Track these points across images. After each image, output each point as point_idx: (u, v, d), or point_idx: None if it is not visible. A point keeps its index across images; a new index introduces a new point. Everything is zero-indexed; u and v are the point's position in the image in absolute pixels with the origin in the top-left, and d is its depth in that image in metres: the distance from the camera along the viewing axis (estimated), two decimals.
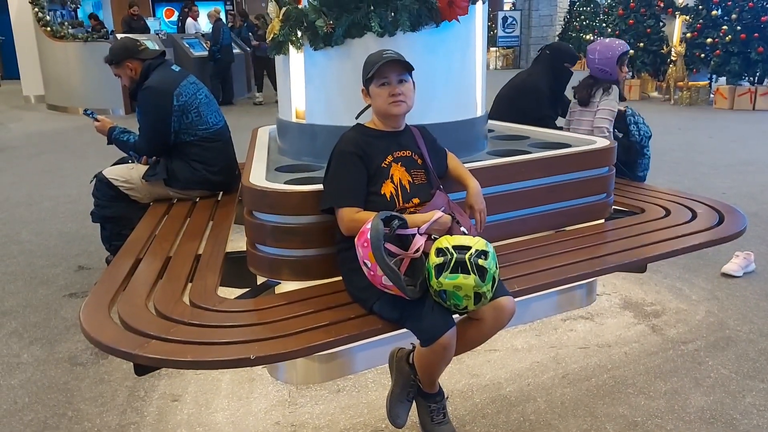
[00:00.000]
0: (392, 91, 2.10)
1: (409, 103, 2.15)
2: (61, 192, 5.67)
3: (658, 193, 3.40)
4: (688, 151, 7.03)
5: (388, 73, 2.10)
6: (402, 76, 2.12)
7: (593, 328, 2.96)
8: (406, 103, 2.14)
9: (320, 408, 2.36)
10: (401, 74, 2.11)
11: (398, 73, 2.11)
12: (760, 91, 10.07)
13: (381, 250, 1.81)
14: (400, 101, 2.12)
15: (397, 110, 2.13)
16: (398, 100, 2.11)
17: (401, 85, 2.11)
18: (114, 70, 3.30)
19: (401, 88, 2.11)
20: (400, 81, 2.11)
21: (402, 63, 2.10)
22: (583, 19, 18.16)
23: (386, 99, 2.12)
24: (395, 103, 2.12)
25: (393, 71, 2.10)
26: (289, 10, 2.75)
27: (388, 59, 2.08)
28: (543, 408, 2.34)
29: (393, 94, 2.10)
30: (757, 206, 4.82)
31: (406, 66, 2.12)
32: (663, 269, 3.59)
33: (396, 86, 2.10)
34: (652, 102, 11.51)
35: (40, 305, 3.31)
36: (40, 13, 11.24)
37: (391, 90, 2.10)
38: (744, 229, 2.85)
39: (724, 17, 10.71)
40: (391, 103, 2.12)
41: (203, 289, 2.25)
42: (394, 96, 2.11)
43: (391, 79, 2.10)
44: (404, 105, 2.13)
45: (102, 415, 2.35)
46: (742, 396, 2.39)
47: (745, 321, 2.99)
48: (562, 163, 2.82)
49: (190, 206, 3.26)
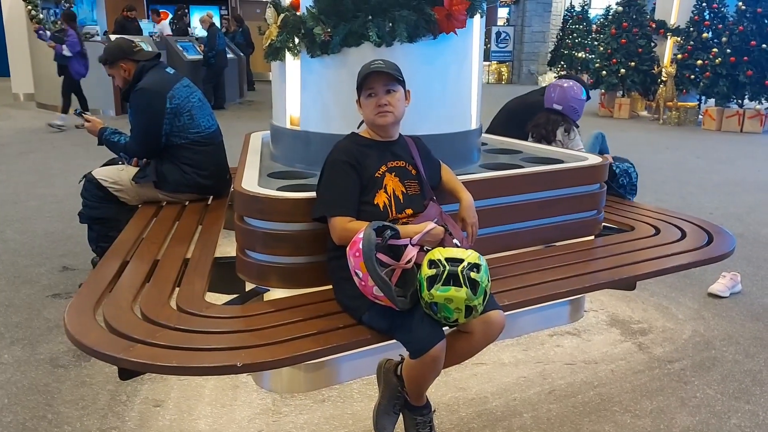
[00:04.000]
0: (378, 102, 2.10)
1: (397, 114, 2.14)
2: (48, 191, 5.61)
3: (647, 212, 3.41)
4: (676, 170, 7.09)
5: (374, 83, 2.10)
6: (390, 87, 2.11)
7: (580, 344, 2.96)
8: (393, 114, 2.13)
9: (304, 417, 2.34)
10: (389, 84, 2.10)
11: (385, 83, 2.10)
12: (748, 114, 10.20)
13: (373, 261, 1.80)
14: (386, 112, 2.11)
15: (383, 121, 2.13)
16: (384, 111, 2.11)
17: (388, 95, 2.11)
18: (108, 69, 3.28)
19: (388, 99, 2.10)
20: (388, 91, 2.11)
21: (387, 74, 2.09)
22: (576, 37, 18.30)
23: (373, 110, 2.12)
24: (381, 114, 2.11)
25: (379, 82, 2.09)
26: (287, 16, 2.75)
27: (372, 70, 2.08)
28: (529, 423, 2.33)
29: (379, 105, 2.11)
30: (743, 227, 4.86)
31: (393, 76, 2.11)
32: (650, 287, 3.61)
33: (383, 97, 2.10)
34: (641, 121, 11.62)
35: (22, 305, 3.25)
36: (33, 11, 11.16)
37: (378, 101, 2.10)
38: (732, 250, 2.87)
39: (715, 40, 10.87)
40: (378, 114, 2.12)
41: (190, 294, 2.22)
42: (380, 107, 2.11)
43: (378, 90, 2.10)
44: (390, 116, 2.12)
45: (82, 418, 2.31)
46: (727, 417, 2.39)
47: (731, 342, 3.00)
48: (553, 179, 2.83)
49: (180, 209, 3.23)
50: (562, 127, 3.70)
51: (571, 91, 3.77)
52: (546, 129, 3.72)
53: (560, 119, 3.74)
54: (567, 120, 3.74)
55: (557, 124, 3.72)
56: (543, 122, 3.76)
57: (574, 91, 3.77)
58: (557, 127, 3.70)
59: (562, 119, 3.74)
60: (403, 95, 2.16)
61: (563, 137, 3.69)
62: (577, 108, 3.77)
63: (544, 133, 3.71)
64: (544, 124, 3.74)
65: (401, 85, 2.15)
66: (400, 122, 2.20)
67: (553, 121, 3.73)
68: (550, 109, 3.78)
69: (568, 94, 3.76)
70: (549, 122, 3.73)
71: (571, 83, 3.82)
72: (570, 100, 3.75)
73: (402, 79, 2.14)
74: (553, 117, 3.75)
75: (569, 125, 3.73)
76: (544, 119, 3.77)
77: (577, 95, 3.78)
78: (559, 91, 3.79)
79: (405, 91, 2.18)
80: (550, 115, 3.77)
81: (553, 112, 3.77)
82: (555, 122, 3.72)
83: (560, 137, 3.69)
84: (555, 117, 3.75)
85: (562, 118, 3.74)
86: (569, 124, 3.74)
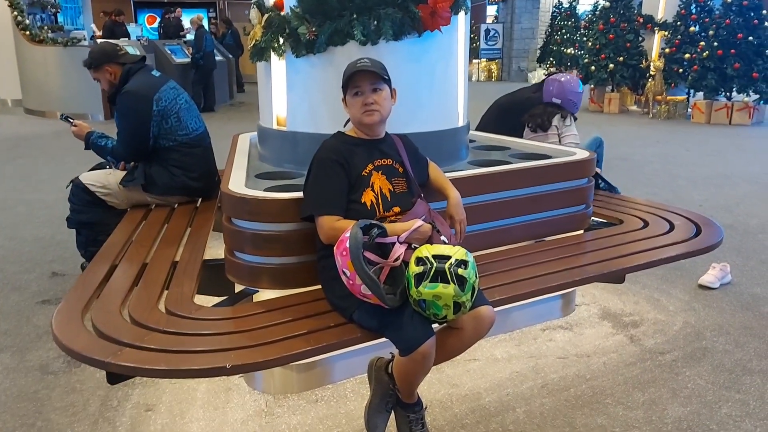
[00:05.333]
0: (365, 101, 2.10)
1: (383, 113, 2.14)
2: (37, 197, 5.57)
3: (636, 205, 3.43)
4: (666, 163, 7.13)
5: (360, 82, 2.09)
6: (376, 85, 2.11)
7: (572, 338, 2.96)
8: (379, 113, 2.12)
9: (298, 418, 2.33)
10: (375, 83, 2.10)
11: (371, 81, 2.10)
12: (737, 107, 10.26)
13: (360, 259, 1.80)
14: (373, 110, 2.11)
15: (370, 120, 2.13)
16: (370, 109, 2.11)
17: (375, 94, 2.10)
18: (93, 74, 3.26)
19: (374, 98, 2.10)
20: (374, 90, 2.11)
21: (373, 72, 2.09)
22: (564, 33, 18.36)
23: (359, 108, 2.12)
24: (367, 113, 2.11)
25: (366, 80, 2.09)
26: (271, 16, 2.74)
27: (358, 69, 2.07)
28: (522, 418, 2.34)
29: (365, 103, 2.10)
30: (732, 218, 4.89)
31: (379, 75, 2.10)
32: (641, 280, 3.62)
33: (369, 95, 2.10)
34: (631, 115, 11.67)
35: (11, 312, 3.23)
36: (19, 17, 11.09)
37: (364, 99, 2.10)
38: (720, 241, 2.88)
39: (702, 33, 10.92)
40: (364, 112, 2.11)
41: (180, 297, 2.21)
42: (366, 106, 2.11)
43: (364, 89, 2.10)
44: (377, 114, 2.12)
45: (73, 425, 2.30)
46: (718, 407, 2.40)
47: (721, 332, 3.01)
48: (542, 174, 2.83)
49: (168, 212, 3.22)
50: (558, 114, 3.79)
51: (568, 85, 3.85)
52: (542, 118, 3.81)
53: (558, 111, 3.82)
54: (559, 109, 3.82)
55: (553, 114, 3.81)
56: (539, 113, 3.84)
57: (571, 85, 3.86)
58: (553, 116, 3.79)
59: (553, 110, 3.82)
60: (389, 94, 2.16)
61: (559, 122, 3.77)
62: (575, 101, 3.86)
63: (540, 122, 3.81)
64: (541, 114, 3.83)
65: (387, 83, 2.14)
66: (386, 121, 2.20)
67: (549, 112, 3.82)
68: (549, 103, 3.86)
69: (565, 87, 3.84)
70: (545, 113, 3.82)
71: (569, 77, 3.91)
72: (568, 93, 3.84)
73: (388, 77, 2.14)
74: (550, 109, 3.83)
75: (566, 112, 3.81)
76: (541, 110, 3.85)
77: (575, 88, 3.87)
78: (557, 85, 3.87)
79: (391, 89, 2.17)
80: (547, 107, 3.85)
81: (552, 106, 3.84)
82: (551, 113, 3.82)
83: (556, 122, 3.78)
84: (552, 109, 3.83)
85: (560, 110, 3.82)
86: (566, 112, 3.82)
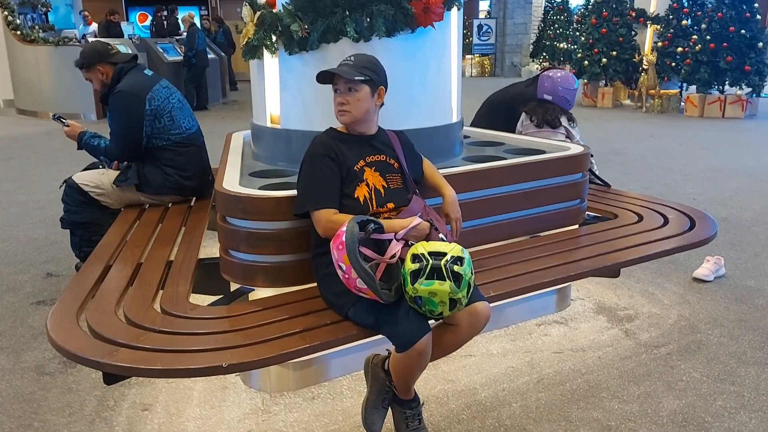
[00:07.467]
0: (338, 100, 2.12)
1: (355, 113, 2.13)
2: (30, 198, 5.55)
3: (630, 199, 3.44)
4: (660, 157, 7.14)
5: (338, 80, 2.11)
6: (351, 85, 2.10)
7: (567, 332, 2.97)
8: (351, 113, 2.12)
9: (294, 416, 2.33)
10: (350, 83, 2.09)
11: (346, 81, 2.10)
12: (730, 100, 10.29)
13: (356, 253, 1.80)
14: (344, 111, 2.12)
15: (341, 119, 2.15)
16: (341, 109, 2.12)
17: (349, 93, 2.10)
18: (85, 74, 3.24)
19: (347, 98, 2.10)
20: (350, 89, 2.10)
21: (339, 75, 2.07)
22: (557, 28, 18.36)
23: (336, 107, 2.14)
24: (340, 113, 2.14)
25: (341, 79, 2.10)
26: (263, 14, 2.73)
27: (328, 71, 2.09)
28: (518, 413, 2.35)
29: (338, 103, 2.12)
30: (726, 212, 4.91)
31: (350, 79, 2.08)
32: (636, 274, 3.63)
33: (342, 95, 2.11)
34: (624, 109, 11.68)
35: (6, 313, 3.22)
36: (9, 17, 11.01)
37: (338, 98, 2.12)
38: (715, 235, 2.89)
39: (694, 27, 10.95)
40: (337, 111, 2.14)
41: (175, 296, 2.21)
42: (338, 105, 2.12)
43: (340, 87, 2.11)
44: (348, 114, 2.13)
45: (69, 425, 2.29)
46: (713, 399, 2.42)
47: (715, 325, 3.03)
48: (536, 169, 2.84)
49: (162, 212, 3.21)
50: (564, 116, 3.75)
51: (562, 82, 3.81)
52: (552, 115, 3.73)
53: (563, 112, 3.77)
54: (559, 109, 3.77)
55: (556, 111, 3.75)
56: (549, 108, 3.75)
57: (567, 82, 3.82)
58: (559, 114, 3.73)
59: (554, 108, 3.77)
60: (369, 94, 2.12)
61: (568, 125, 3.74)
62: (568, 98, 3.81)
63: (549, 119, 3.72)
64: (543, 112, 3.75)
65: (368, 83, 2.11)
66: (370, 119, 2.19)
67: (551, 109, 3.75)
68: (542, 99, 3.81)
69: (558, 84, 3.80)
70: (548, 110, 3.75)
71: (562, 73, 3.85)
72: (560, 90, 3.79)
73: (368, 77, 2.10)
74: (549, 105, 3.78)
75: (570, 114, 3.78)
76: (550, 107, 3.77)
77: (569, 86, 3.82)
78: (550, 82, 3.83)
79: (376, 89, 2.14)
80: (553, 105, 3.79)
81: (545, 102, 3.79)
82: (554, 110, 3.75)
83: (565, 124, 3.74)
84: (549, 105, 3.78)
85: (563, 113, 3.77)
86: (570, 114, 3.78)
